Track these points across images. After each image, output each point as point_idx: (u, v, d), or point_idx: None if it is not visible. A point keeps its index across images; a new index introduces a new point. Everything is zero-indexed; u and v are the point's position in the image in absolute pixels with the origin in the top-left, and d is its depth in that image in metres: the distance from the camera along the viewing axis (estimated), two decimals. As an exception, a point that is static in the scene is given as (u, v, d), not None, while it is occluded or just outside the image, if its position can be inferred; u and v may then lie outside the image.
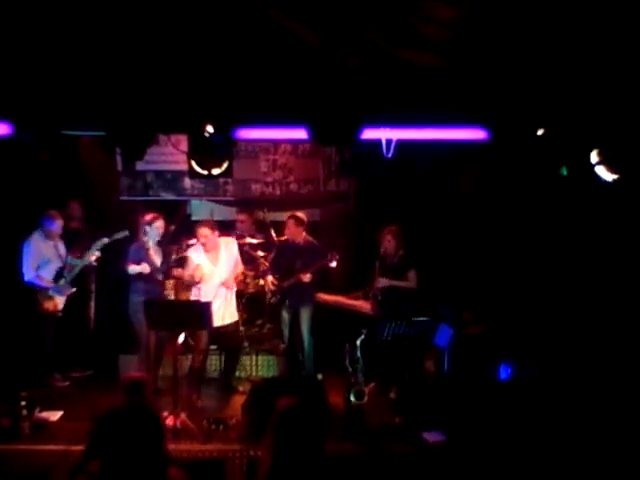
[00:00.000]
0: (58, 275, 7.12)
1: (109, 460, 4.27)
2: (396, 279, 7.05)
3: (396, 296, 7.05)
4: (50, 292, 7.08)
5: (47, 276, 7.08)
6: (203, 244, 6.71)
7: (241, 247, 7.89)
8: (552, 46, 5.35)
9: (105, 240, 7.05)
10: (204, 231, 6.68)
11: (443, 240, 8.00)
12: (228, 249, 6.91)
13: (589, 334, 6.88)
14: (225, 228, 8.47)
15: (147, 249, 6.70)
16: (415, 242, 7.32)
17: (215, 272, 6.79)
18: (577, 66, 5.52)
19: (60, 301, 7.10)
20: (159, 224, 6.83)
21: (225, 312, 6.85)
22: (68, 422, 6.13)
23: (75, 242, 7.33)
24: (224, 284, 6.80)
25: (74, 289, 7.19)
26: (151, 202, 8.66)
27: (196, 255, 6.76)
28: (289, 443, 3.69)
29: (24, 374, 6.72)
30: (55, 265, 7.14)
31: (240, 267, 7.19)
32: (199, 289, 6.79)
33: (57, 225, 7.09)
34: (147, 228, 6.79)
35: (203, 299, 6.55)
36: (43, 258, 7.06)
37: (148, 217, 6.84)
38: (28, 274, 7.01)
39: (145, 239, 6.76)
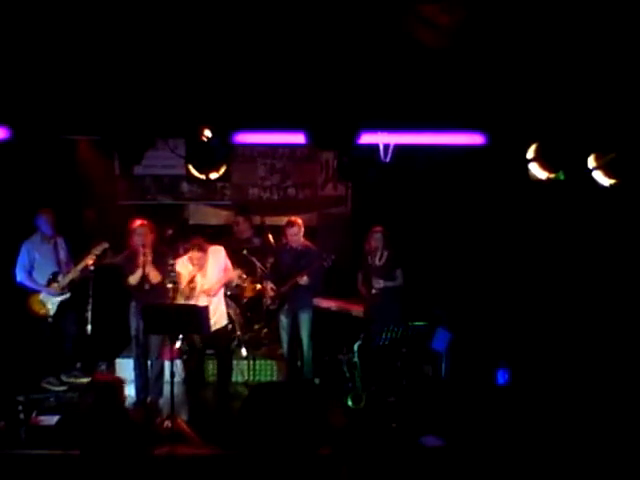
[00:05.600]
0: (52, 279, 7.11)
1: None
2: (386, 279, 7.07)
3: (388, 296, 7.06)
4: (41, 296, 7.07)
5: (40, 279, 7.07)
6: (196, 265, 6.66)
7: (239, 251, 7.89)
8: (549, 50, 5.37)
9: (105, 245, 7.04)
10: (196, 254, 6.63)
11: (440, 244, 8.01)
12: (215, 258, 6.86)
13: (587, 338, 6.90)
14: (222, 232, 8.51)
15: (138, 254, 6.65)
16: (413, 244, 7.34)
17: (200, 281, 6.76)
18: (574, 70, 5.54)
19: (51, 306, 7.09)
20: (143, 230, 6.64)
21: (218, 317, 6.82)
22: (65, 426, 6.11)
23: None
24: (205, 292, 6.74)
25: (68, 294, 7.18)
26: (149, 206, 8.69)
27: (185, 270, 6.74)
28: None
29: (21, 378, 6.71)
30: (50, 268, 7.12)
31: (232, 272, 7.17)
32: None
33: (44, 223, 7.07)
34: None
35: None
36: (36, 261, 7.05)
37: (139, 222, 6.73)
38: (20, 275, 7.01)
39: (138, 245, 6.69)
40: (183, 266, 6.70)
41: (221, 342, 7.02)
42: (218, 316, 6.88)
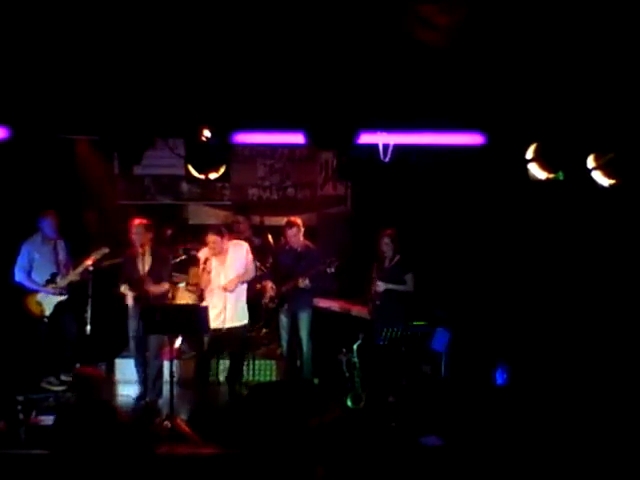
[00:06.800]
0: (50, 280, 7.11)
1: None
2: (393, 283, 7.06)
3: (393, 300, 7.06)
4: (38, 296, 7.07)
5: (38, 280, 7.08)
6: (211, 249, 6.61)
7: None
8: (549, 50, 5.38)
9: (105, 250, 7.05)
10: (212, 237, 6.57)
11: (439, 244, 8.01)
12: (236, 252, 6.77)
13: (586, 338, 6.90)
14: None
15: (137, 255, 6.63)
16: (411, 246, 7.34)
17: (221, 275, 6.69)
18: (573, 71, 5.55)
19: (48, 306, 7.09)
20: (140, 230, 6.63)
21: (232, 315, 6.67)
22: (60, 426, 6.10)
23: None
24: (224, 288, 6.66)
25: (65, 296, 7.17)
26: (148, 206, 8.69)
27: (204, 255, 6.70)
28: None
29: (20, 378, 6.71)
30: (49, 269, 7.12)
31: (253, 272, 6.97)
32: (202, 292, 6.74)
33: (48, 224, 7.07)
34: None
35: (205, 302, 6.54)
36: (36, 261, 7.06)
37: (137, 222, 6.70)
38: (18, 275, 7.03)
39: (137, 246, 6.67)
40: (204, 253, 6.70)
41: (235, 341, 6.82)
42: (233, 314, 6.68)
